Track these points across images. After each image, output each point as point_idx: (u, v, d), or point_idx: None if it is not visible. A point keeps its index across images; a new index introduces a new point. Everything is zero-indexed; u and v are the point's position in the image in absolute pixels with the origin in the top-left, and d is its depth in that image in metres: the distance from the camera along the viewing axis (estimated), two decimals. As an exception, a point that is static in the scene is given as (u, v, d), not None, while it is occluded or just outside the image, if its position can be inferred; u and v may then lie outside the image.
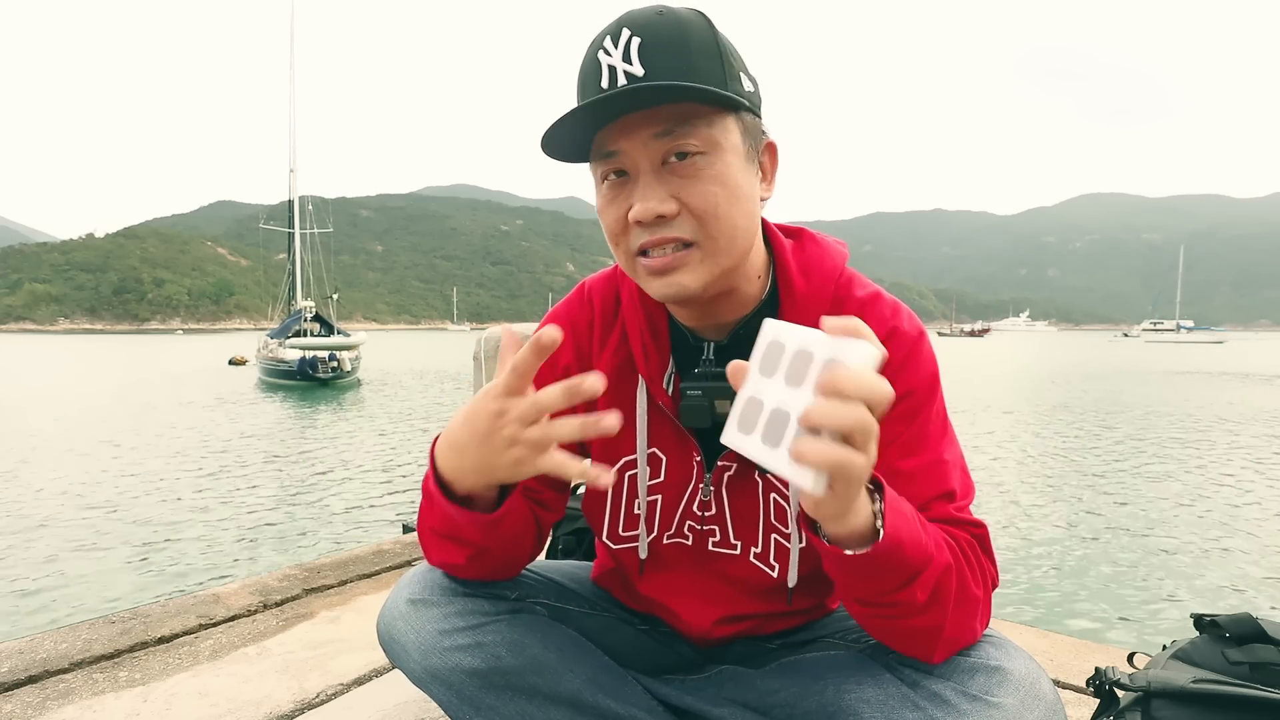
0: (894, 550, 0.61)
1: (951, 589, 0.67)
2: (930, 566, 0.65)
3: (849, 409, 0.51)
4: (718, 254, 0.75)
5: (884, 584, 0.64)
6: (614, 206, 0.75)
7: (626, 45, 0.70)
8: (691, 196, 0.72)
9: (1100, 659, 1.54)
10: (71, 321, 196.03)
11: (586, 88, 0.72)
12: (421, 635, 0.82)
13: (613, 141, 0.73)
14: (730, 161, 0.73)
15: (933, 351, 0.82)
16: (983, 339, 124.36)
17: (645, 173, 0.73)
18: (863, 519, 0.60)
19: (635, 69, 0.69)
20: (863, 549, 0.61)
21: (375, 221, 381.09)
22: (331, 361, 23.39)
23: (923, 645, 0.70)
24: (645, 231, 0.74)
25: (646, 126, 0.71)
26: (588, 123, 0.72)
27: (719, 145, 0.72)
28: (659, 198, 0.72)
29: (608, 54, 0.71)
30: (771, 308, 0.84)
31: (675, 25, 0.71)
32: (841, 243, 0.89)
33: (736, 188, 0.74)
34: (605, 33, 0.72)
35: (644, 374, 0.86)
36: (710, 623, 0.91)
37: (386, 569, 2.14)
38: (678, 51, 0.70)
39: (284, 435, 12.77)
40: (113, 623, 1.68)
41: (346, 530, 6.82)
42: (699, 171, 0.72)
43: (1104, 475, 9.20)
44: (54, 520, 6.92)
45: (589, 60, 0.73)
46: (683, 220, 0.73)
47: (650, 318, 0.87)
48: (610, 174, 0.75)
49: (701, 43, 0.71)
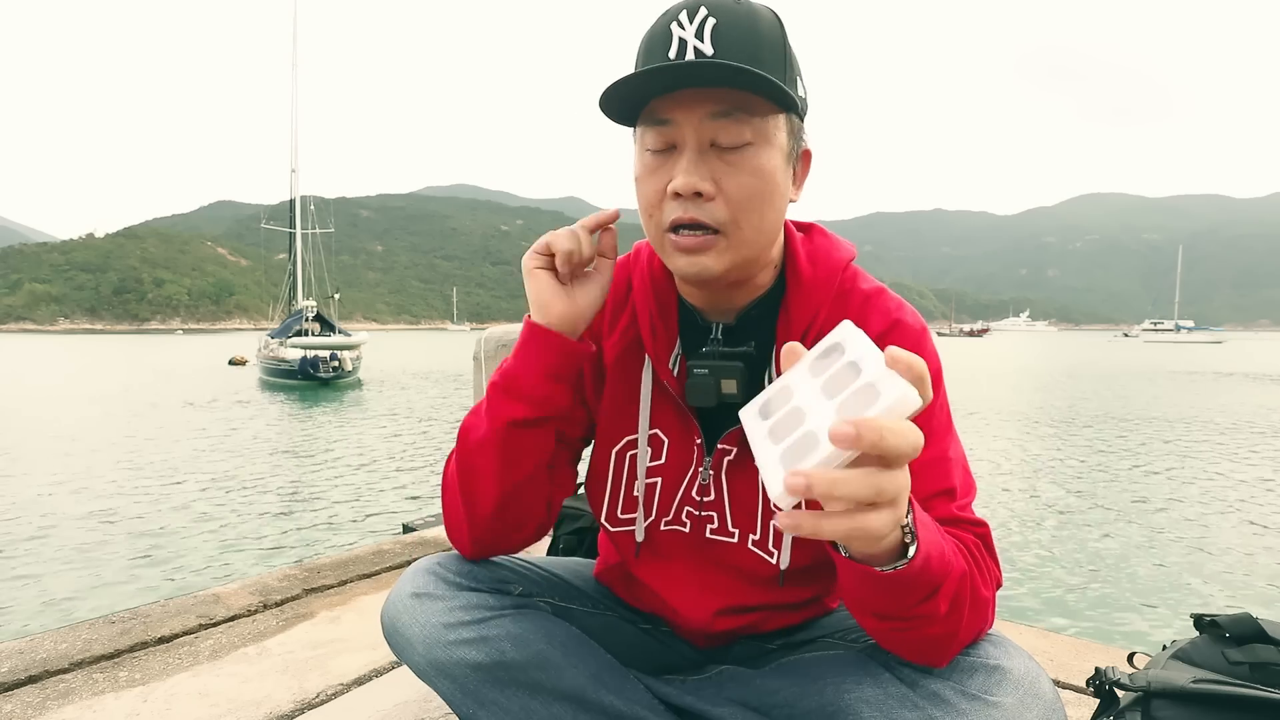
0: (923, 566, 0.59)
1: (967, 595, 0.67)
2: (950, 575, 0.64)
3: (865, 479, 0.48)
4: (742, 245, 0.76)
5: (910, 599, 0.62)
6: (654, 178, 0.76)
7: (701, 23, 0.71)
8: (731, 184, 0.74)
9: (1100, 659, 1.54)
10: (71, 321, 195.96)
11: (653, 54, 0.73)
12: (426, 628, 0.82)
13: (668, 110, 0.74)
14: (774, 157, 0.75)
15: (935, 348, 0.82)
16: (982, 339, 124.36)
17: (692, 149, 0.74)
18: (892, 539, 0.57)
19: (705, 47, 0.71)
20: (892, 567, 0.59)
21: (375, 221, 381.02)
22: (333, 361, 23.40)
23: (937, 652, 0.70)
24: (680, 207, 0.74)
25: (705, 104, 0.72)
26: (650, 86, 0.73)
27: (768, 139, 0.74)
28: (701, 175, 0.73)
29: (681, 27, 0.72)
30: (778, 293, 0.85)
31: (750, 16, 0.72)
32: (850, 243, 0.90)
33: (775, 184, 0.75)
34: (681, 6, 0.73)
35: (651, 353, 0.87)
36: (709, 614, 0.91)
37: (386, 569, 2.14)
38: (749, 41, 0.71)
39: (285, 435, 12.76)
40: (113, 623, 1.68)
41: (346, 530, 6.83)
42: (744, 161, 0.73)
43: (1104, 474, 9.20)
44: (54, 520, 6.91)
45: (659, 28, 0.73)
46: (717, 205, 0.74)
47: (660, 299, 0.88)
48: (657, 144, 0.76)
49: (771, 39, 0.73)
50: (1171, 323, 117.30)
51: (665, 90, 0.73)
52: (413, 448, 11.43)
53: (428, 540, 2.41)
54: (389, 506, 7.72)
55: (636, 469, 0.89)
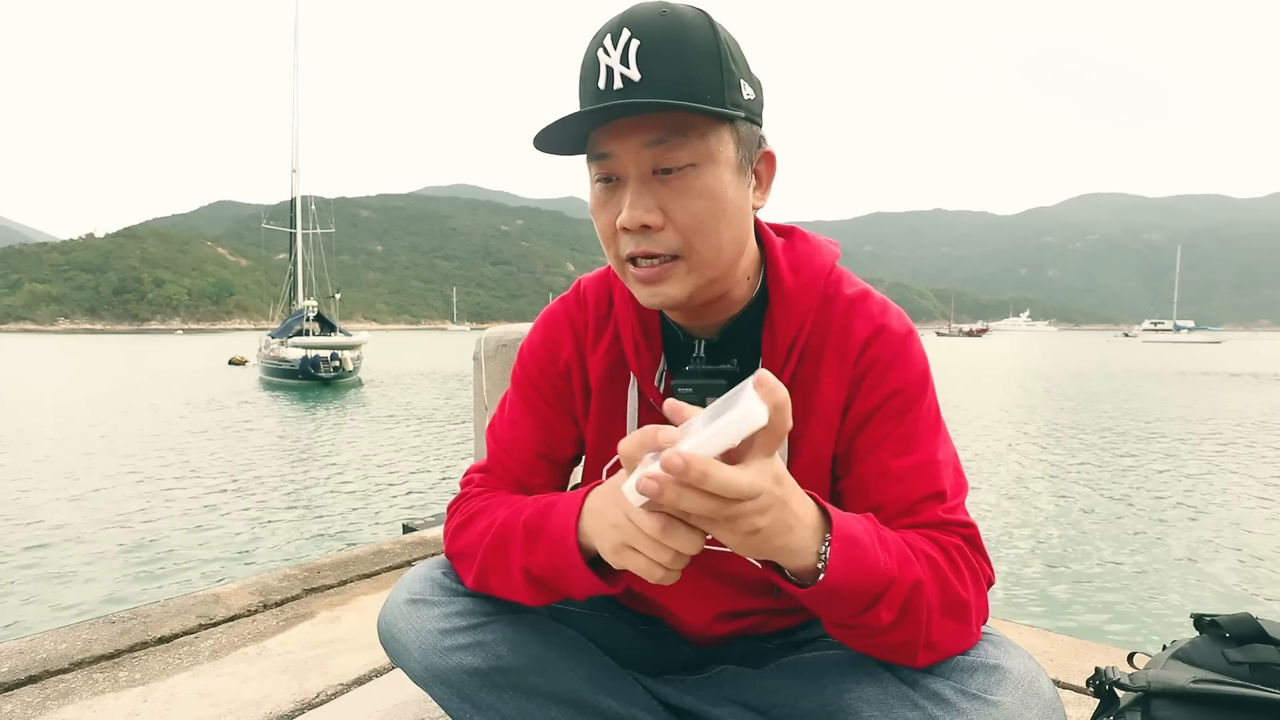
0: (843, 585, 0.63)
1: (925, 602, 0.68)
2: (894, 587, 0.65)
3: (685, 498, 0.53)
4: (703, 267, 0.74)
5: (844, 611, 0.66)
6: (605, 211, 0.75)
7: (625, 47, 0.69)
8: (678, 210, 0.71)
9: (1100, 659, 1.54)
10: (71, 321, 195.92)
11: (584, 85, 0.72)
12: (422, 634, 0.82)
13: (605, 144, 0.72)
14: (721, 174, 0.72)
15: (923, 350, 0.82)
16: (980, 339, 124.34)
17: (634, 180, 0.72)
18: (804, 560, 0.62)
19: (632, 73, 0.68)
20: (811, 583, 0.63)
21: (375, 221, 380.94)
22: (334, 361, 23.40)
23: (902, 656, 0.71)
24: (632, 241, 0.73)
25: (639, 133, 0.70)
26: (584, 121, 0.71)
27: (711, 157, 0.71)
28: (645, 207, 0.71)
29: (607, 54, 0.70)
30: (761, 305, 0.84)
31: (676, 28, 0.69)
32: (834, 242, 0.88)
33: (726, 201, 0.73)
34: (606, 29, 0.71)
35: (635, 372, 0.86)
36: (708, 619, 0.91)
37: (386, 569, 2.14)
38: (677, 58, 0.69)
39: (285, 435, 12.77)
40: (113, 623, 1.68)
41: (346, 530, 6.83)
42: (688, 185, 0.71)
43: (1103, 474, 9.20)
44: (54, 520, 6.91)
45: (589, 57, 0.72)
46: (668, 233, 0.72)
47: (642, 316, 0.87)
48: (602, 176, 0.75)
49: (702, 48, 0.70)
50: (1171, 323, 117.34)
51: (595, 126, 0.72)
52: (413, 448, 11.44)
53: (428, 540, 2.41)
54: (389, 506, 7.72)
55: None
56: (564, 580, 0.75)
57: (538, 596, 0.79)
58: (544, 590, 0.78)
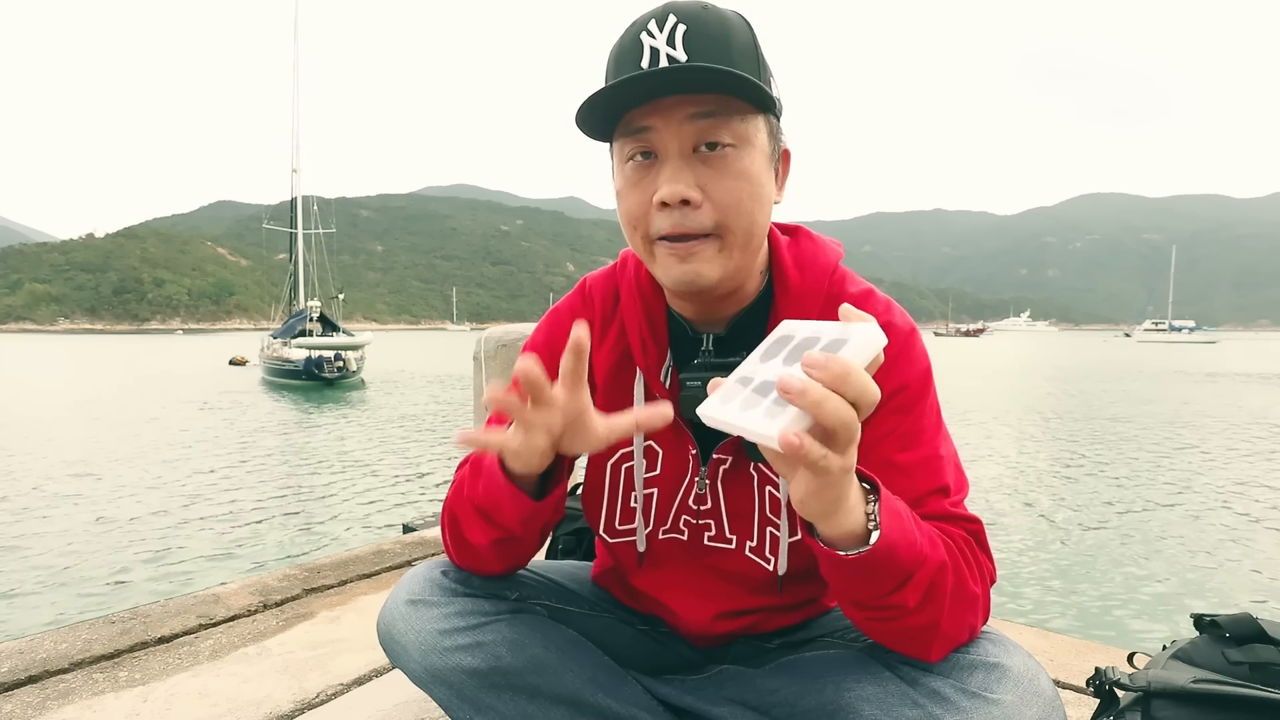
0: (888, 553, 0.61)
1: (947, 587, 0.67)
2: (924, 567, 0.65)
3: (830, 400, 0.50)
4: (734, 248, 0.75)
5: (878, 587, 0.64)
6: (638, 190, 0.75)
7: (672, 30, 0.70)
8: (717, 189, 0.73)
9: (1100, 659, 1.54)
10: (71, 321, 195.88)
11: (624, 66, 0.72)
12: (421, 635, 0.82)
13: (646, 118, 0.72)
14: (757, 159, 0.74)
15: (924, 347, 0.82)
16: (978, 339, 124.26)
17: (674, 156, 0.73)
18: (855, 520, 0.60)
19: (678, 53, 0.70)
20: (856, 551, 0.61)
21: (375, 221, 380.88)
22: (337, 361, 23.36)
23: (919, 644, 0.70)
24: (668, 218, 0.73)
25: (685, 107, 0.71)
26: (626, 97, 0.71)
27: (749, 141, 0.73)
28: (687, 182, 0.72)
29: (651, 36, 0.71)
30: (767, 301, 0.84)
31: (719, 21, 0.72)
32: (837, 242, 0.89)
33: (760, 186, 0.75)
34: (649, 16, 0.72)
35: (642, 366, 0.86)
36: (709, 618, 0.91)
37: (386, 569, 2.14)
38: (721, 45, 0.71)
39: (288, 435, 12.76)
40: (113, 623, 1.68)
41: (346, 530, 6.83)
42: (728, 164, 0.72)
43: (1103, 474, 9.20)
44: (54, 520, 6.92)
45: (628, 40, 0.73)
46: (705, 211, 0.73)
47: (648, 311, 0.87)
48: (636, 155, 0.75)
49: (743, 43, 0.72)
50: (1168, 323, 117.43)
51: (645, 98, 0.72)
52: (415, 448, 11.43)
53: (428, 540, 2.41)
54: (389, 506, 7.72)
55: (633, 481, 0.89)
56: (498, 507, 0.76)
57: (487, 531, 0.79)
58: (490, 524, 0.78)
